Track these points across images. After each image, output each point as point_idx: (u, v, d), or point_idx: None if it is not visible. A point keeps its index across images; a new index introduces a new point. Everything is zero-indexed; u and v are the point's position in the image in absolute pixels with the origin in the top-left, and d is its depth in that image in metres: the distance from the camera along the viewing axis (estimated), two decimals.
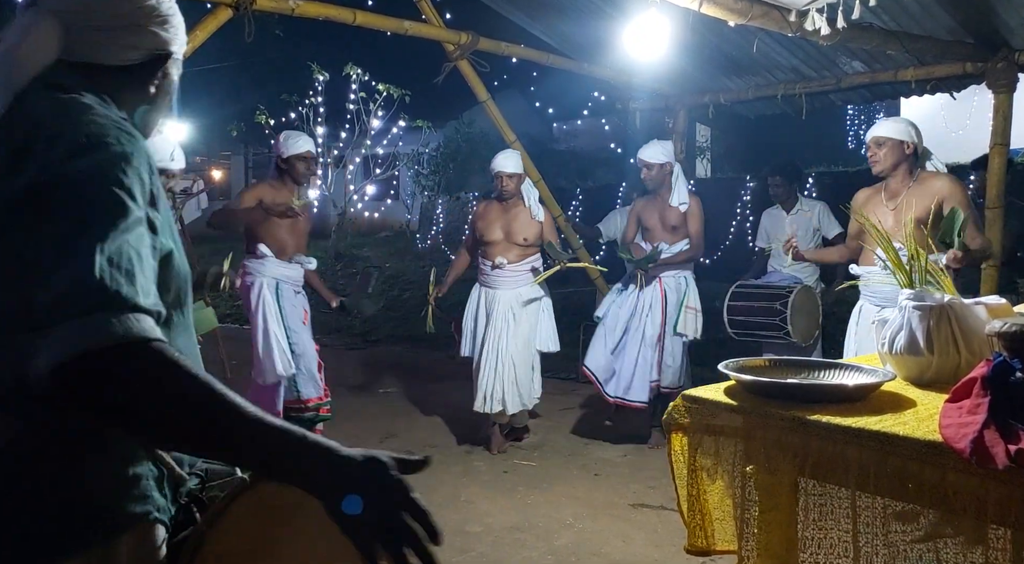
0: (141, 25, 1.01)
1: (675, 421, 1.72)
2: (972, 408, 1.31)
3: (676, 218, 4.46)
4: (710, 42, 4.74)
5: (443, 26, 4.94)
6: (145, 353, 0.80)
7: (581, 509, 3.52)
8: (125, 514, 0.93)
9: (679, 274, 4.50)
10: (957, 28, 4.07)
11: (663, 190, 4.48)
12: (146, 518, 0.95)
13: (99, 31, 0.99)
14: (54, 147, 0.86)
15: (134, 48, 1.01)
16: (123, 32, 1.00)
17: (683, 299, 4.46)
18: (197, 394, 0.81)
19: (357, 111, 12.70)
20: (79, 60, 0.98)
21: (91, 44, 0.98)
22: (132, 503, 0.94)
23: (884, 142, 3.29)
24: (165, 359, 0.81)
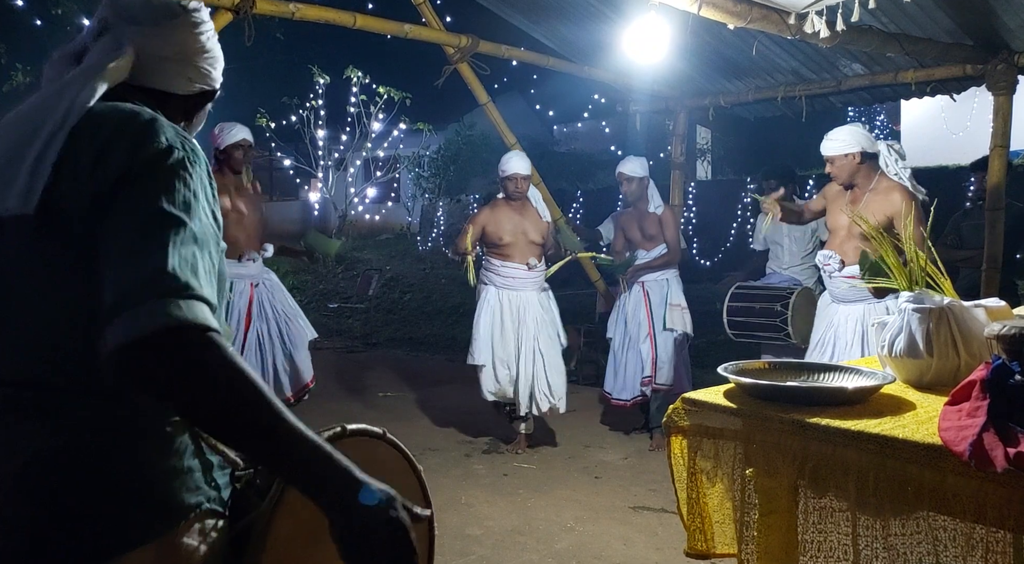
0: (197, 61, 1.13)
1: (675, 424, 1.71)
2: (971, 411, 1.31)
3: (653, 226, 4.64)
4: (709, 45, 4.74)
5: (443, 29, 4.95)
6: (204, 339, 0.87)
7: (581, 512, 3.52)
8: (182, 505, 0.96)
9: (661, 276, 4.63)
10: (957, 30, 4.07)
11: (640, 202, 4.66)
12: (199, 508, 0.97)
13: (167, 61, 1.10)
14: (136, 149, 0.95)
15: (189, 80, 1.13)
16: (184, 66, 1.12)
17: (666, 297, 4.57)
18: (246, 387, 0.87)
19: (358, 114, 12.72)
20: (140, 84, 1.09)
21: (158, 72, 1.10)
22: (187, 494, 0.97)
23: (832, 160, 3.43)
24: (223, 349, 0.87)
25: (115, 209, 0.91)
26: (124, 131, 0.97)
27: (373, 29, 4.48)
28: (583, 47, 5.40)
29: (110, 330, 0.84)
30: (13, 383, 0.98)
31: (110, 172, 0.93)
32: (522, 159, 4.45)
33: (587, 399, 5.65)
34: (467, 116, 14.17)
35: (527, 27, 5.42)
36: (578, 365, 6.28)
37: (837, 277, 3.41)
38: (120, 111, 1.00)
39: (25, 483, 0.92)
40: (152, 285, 0.86)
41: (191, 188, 0.95)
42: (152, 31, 1.08)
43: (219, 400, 0.86)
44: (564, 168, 14.16)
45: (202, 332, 0.86)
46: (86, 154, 0.94)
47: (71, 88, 1.01)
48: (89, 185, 0.93)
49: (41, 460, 0.93)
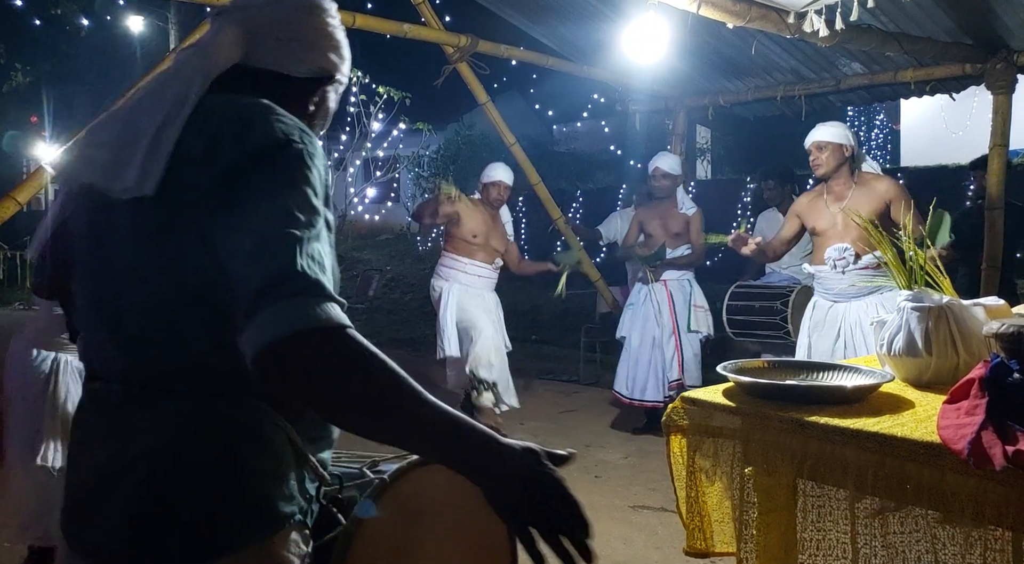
0: (314, 43, 1.08)
1: (674, 423, 1.71)
2: (970, 409, 1.31)
3: (680, 225, 4.65)
4: (709, 44, 4.74)
5: (442, 29, 4.95)
6: (344, 338, 0.85)
7: None
8: (277, 514, 0.94)
9: (683, 276, 4.67)
10: (956, 29, 4.08)
11: (668, 200, 4.68)
12: (291, 519, 0.95)
13: (278, 42, 1.06)
14: (247, 141, 0.91)
15: (303, 62, 1.07)
16: (297, 45, 1.07)
17: (690, 298, 4.60)
18: (388, 378, 0.86)
19: (357, 114, 12.72)
20: (253, 66, 1.05)
21: (270, 53, 1.05)
22: (282, 503, 0.95)
23: (825, 146, 3.40)
24: (361, 344, 0.86)
25: (238, 202, 0.88)
26: (238, 120, 0.94)
27: (372, 29, 4.48)
28: (582, 46, 5.40)
29: (249, 331, 0.83)
30: (123, 380, 0.97)
31: (223, 161, 0.90)
32: (508, 170, 4.59)
33: (588, 399, 5.66)
34: (467, 116, 14.17)
35: (526, 27, 5.43)
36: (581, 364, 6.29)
37: (852, 271, 3.32)
38: (235, 101, 0.97)
39: (130, 479, 0.91)
40: (287, 284, 0.84)
41: (310, 183, 0.92)
42: (263, 8, 1.06)
43: (364, 394, 0.85)
44: (564, 168, 14.14)
45: (341, 331, 0.85)
46: (198, 144, 0.92)
47: (186, 70, 0.99)
48: (204, 175, 0.90)
49: (146, 457, 0.92)
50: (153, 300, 0.93)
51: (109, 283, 0.96)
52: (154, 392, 0.93)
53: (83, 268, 1.01)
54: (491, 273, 4.50)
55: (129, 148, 0.93)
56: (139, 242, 0.93)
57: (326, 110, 1.14)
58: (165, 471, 0.91)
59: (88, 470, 0.97)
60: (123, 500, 0.91)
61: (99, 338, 0.99)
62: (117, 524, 0.91)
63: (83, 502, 0.97)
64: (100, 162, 0.95)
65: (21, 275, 11.98)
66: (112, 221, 0.96)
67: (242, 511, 0.92)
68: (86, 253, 1.00)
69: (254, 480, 0.93)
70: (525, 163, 5.81)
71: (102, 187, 0.94)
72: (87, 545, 0.95)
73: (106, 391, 0.98)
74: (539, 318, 9.27)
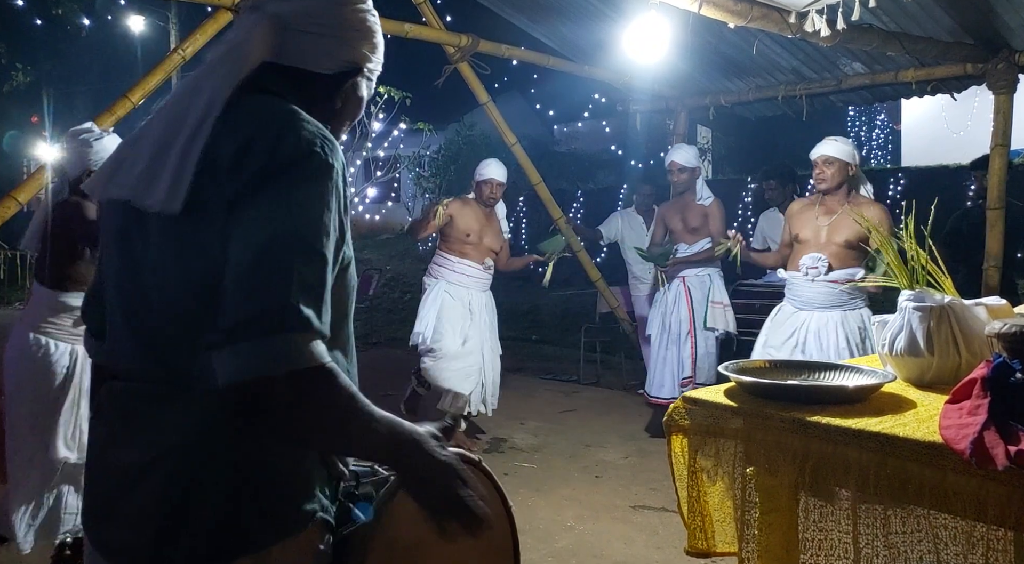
0: (345, 38, 1.05)
1: (675, 423, 1.71)
2: (972, 409, 1.31)
3: (698, 218, 4.59)
4: (710, 44, 4.74)
5: (443, 29, 4.95)
6: (319, 379, 0.86)
7: (582, 511, 3.52)
8: (301, 512, 0.95)
9: (702, 272, 4.60)
10: (957, 29, 4.07)
11: (687, 194, 4.64)
12: (314, 516, 0.96)
13: (309, 36, 1.03)
14: (275, 151, 0.90)
15: (332, 57, 1.05)
16: (328, 41, 1.04)
17: (708, 294, 4.55)
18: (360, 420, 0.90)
19: None
20: (282, 62, 1.02)
21: (299, 49, 1.03)
22: (304, 501, 0.96)
23: (833, 162, 3.45)
24: (336, 389, 0.88)
25: (250, 207, 0.88)
26: (264, 127, 0.92)
27: None
28: (583, 46, 5.40)
29: (225, 354, 0.83)
30: (148, 380, 0.97)
31: (248, 170, 0.89)
32: (500, 166, 4.47)
33: (588, 399, 5.66)
34: (467, 116, 14.16)
35: (527, 26, 5.43)
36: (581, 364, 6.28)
37: (820, 282, 3.44)
38: (261, 106, 0.96)
39: (154, 476, 0.92)
40: (271, 318, 0.84)
41: (325, 197, 0.91)
42: (294, 2, 1.03)
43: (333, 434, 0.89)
44: (564, 168, 14.14)
45: (315, 373, 0.86)
46: (227, 151, 0.91)
47: (213, 75, 0.98)
48: (230, 183, 0.90)
49: (172, 457, 0.92)
50: (179, 304, 0.93)
51: (137, 287, 0.97)
52: (179, 392, 0.94)
53: (112, 271, 1.02)
54: (482, 273, 4.43)
55: (159, 161, 0.93)
56: (167, 248, 0.94)
57: (357, 101, 1.12)
58: (190, 470, 0.91)
59: (112, 469, 0.97)
60: (148, 499, 0.92)
61: (125, 339, 0.99)
62: (143, 523, 0.91)
63: (107, 501, 0.97)
64: (133, 176, 0.96)
65: (21, 275, 11.98)
66: (144, 229, 0.96)
67: (266, 510, 0.92)
68: (115, 257, 1.01)
69: (278, 479, 0.94)
70: (526, 163, 5.81)
71: (135, 203, 0.95)
72: (112, 544, 0.95)
73: (131, 391, 0.98)
74: (539, 318, 9.27)
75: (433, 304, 4.37)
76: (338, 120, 1.10)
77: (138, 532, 0.91)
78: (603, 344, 6.37)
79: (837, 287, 3.38)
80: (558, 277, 4.68)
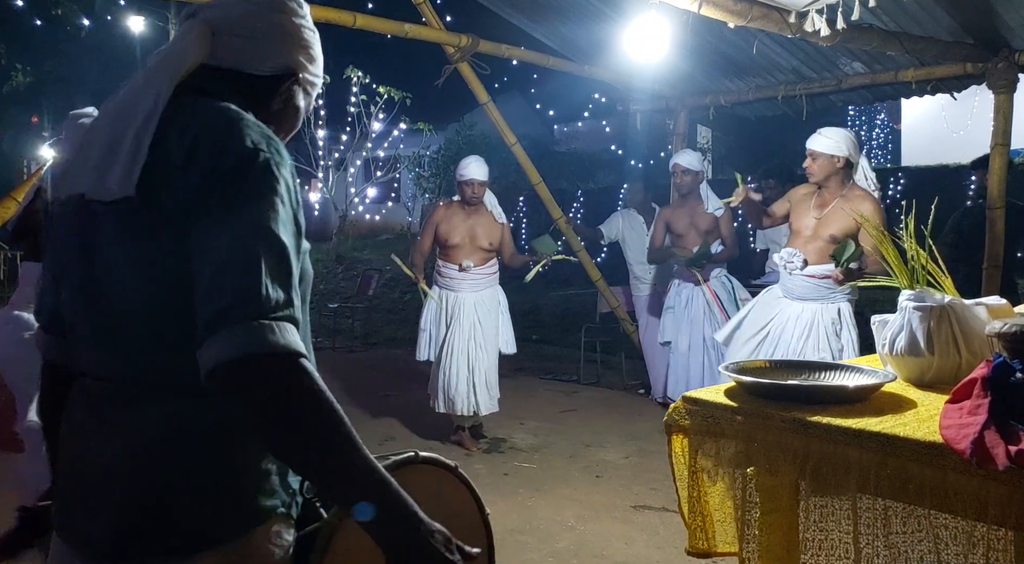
0: (278, 41, 1.10)
1: (675, 423, 1.71)
2: (972, 409, 1.31)
3: (708, 223, 4.68)
4: (710, 43, 4.74)
5: (443, 29, 4.95)
6: (292, 367, 0.88)
7: (582, 511, 3.52)
8: (260, 508, 0.97)
9: (719, 273, 4.70)
10: (957, 29, 4.07)
11: (692, 197, 4.69)
12: (275, 512, 0.98)
13: (241, 39, 1.07)
14: (223, 150, 0.94)
15: (266, 59, 1.09)
16: (261, 43, 1.08)
17: (733, 293, 4.64)
18: (328, 418, 0.89)
19: (358, 114, 12.72)
20: (219, 64, 1.06)
21: (233, 51, 1.07)
22: (265, 497, 0.98)
23: (817, 156, 3.48)
24: (310, 375, 0.89)
25: (205, 213, 0.91)
26: (211, 130, 0.96)
27: (373, 28, 4.48)
28: (583, 46, 5.40)
29: (206, 347, 0.86)
30: (108, 377, 0.99)
31: (199, 171, 0.92)
32: (480, 165, 4.45)
33: (588, 399, 5.65)
34: (467, 116, 14.17)
35: (527, 26, 5.42)
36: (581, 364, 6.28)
37: (797, 275, 3.51)
38: (205, 108, 0.99)
39: (115, 474, 0.95)
40: (246, 304, 0.87)
41: (278, 192, 0.94)
42: (228, 7, 1.08)
43: (301, 427, 0.88)
44: (564, 168, 14.15)
45: (293, 359, 0.88)
46: (175, 150, 0.94)
47: (157, 75, 1.01)
48: (181, 179, 0.93)
49: (135, 454, 0.95)
50: (138, 302, 0.96)
51: (96, 285, 0.99)
52: (142, 390, 0.97)
53: (70, 272, 1.03)
54: (475, 275, 4.41)
55: (111, 154, 0.96)
56: (123, 244, 0.96)
57: (294, 109, 1.14)
58: (153, 467, 0.94)
59: (79, 465, 1.00)
60: (112, 495, 0.95)
61: (89, 339, 1.01)
62: (108, 518, 0.95)
63: (74, 495, 1.00)
64: (88, 170, 0.98)
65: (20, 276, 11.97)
66: (97, 225, 0.98)
67: (227, 505, 0.95)
68: (73, 255, 1.02)
69: (238, 476, 0.96)
70: (526, 163, 5.81)
71: (91, 194, 0.97)
72: (79, 537, 0.98)
73: (96, 388, 1.01)
74: (539, 318, 9.27)
75: (427, 315, 4.48)
76: (276, 124, 1.13)
77: (102, 526, 0.95)
78: (603, 344, 6.37)
79: (812, 282, 3.46)
80: (558, 277, 4.70)
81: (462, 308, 4.40)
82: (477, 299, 4.44)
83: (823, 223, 3.48)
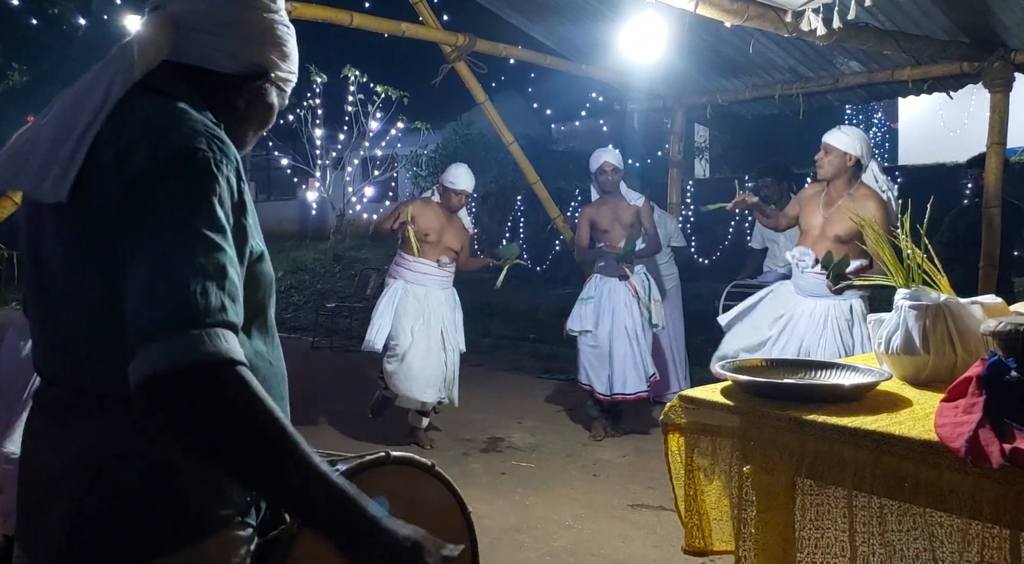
0: (247, 37, 1.04)
1: (672, 421, 1.71)
2: (967, 407, 1.32)
3: (631, 216, 4.71)
4: (707, 43, 4.74)
5: (440, 28, 4.94)
6: (228, 377, 0.84)
7: (580, 510, 3.52)
8: (212, 517, 0.96)
9: (640, 270, 4.73)
10: (953, 28, 4.08)
11: (615, 194, 4.76)
12: (231, 521, 0.97)
13: (206, 35, 1.01)
14: (156, 149, 0.89)
15: (233, 57, 1.03)
16: (227, 40, 1.02)
17: (649, 292, 4.67)
18: (269, 429, 0.85)
19: (355, 113, 12.70)
20: (183, 62, 1.01)
21: (197, 47, 1.01)
22: (217, 506, 0.96)
23: (831, 150, 3.51)
24: (246, 384, 0.85)
25: (135, 216, 0.87)
26: (147, 129, 0.91)
27: (370, 28, 4.47)
28: (580, 46, 5.40)
29: (134, 362, 0.83)
30: (56, 383, 0.98)
31: (131, 171, 0.88)
32: (471, 177, 4.58)
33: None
34: (465, 115, 14.15)
35: (525, 26, 5.42)
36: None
37: (809, 273, 3.55)
38: (148, 107, 0.95)
39: (68, 484, 0.94)
40: (175, 313, 0.83)
41: (216, 193, 0.89)
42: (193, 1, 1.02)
43: (234, 440, 0.84)
44: (562, 167, 14.13)
45: (227, 367, 0.84)
46: (112, 149, 0.90)
47: (108, 70, 0.96)
48: (114, 181, 0.89)
49: (83, 463, 0.93)
50: (81, 309, 0.94)
51: (46, 290, 0.98)
52: (91, 398, 0.94)
53: (27, 273, 1.02)
54: (438, 270, 4.52)
55: (53, 153, 0.93)
56: (64, 249, 0.94)
57: (265, 108, 1.09)
58: (99, 478, 0.92)
59: (33, 473, 0.99)
60: (61, 503, 0.93)
61: (43, 345, 1.01)
62: (56, 526, 0.93)
63: (29, 504, 0.99)
64: (31, 167, 0.94)
65: (18, 277, 11.96)
66: (43, 227, 0.97)
67: (175, 515, 0.93)
68: (28, 258, 1.02)
69: (187, 485, 0.94)
70: (523, 162, 5.81)
71: (30, 193, 0.95)
72: (32, 546, 0.98)
73: (51, 396, 0.99)
74: (537, 317, 9.27)
75: (389, 306, 4.48)
76: (243, 123, 1.08)
77: (53, 535, 0.93)
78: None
79: (822, 280, 3.47)
80: (557, 275, 4.69)
81: (429, 302, 4.50)
82: (445, 295, 4.58)
83: (829, 223, 3.51)
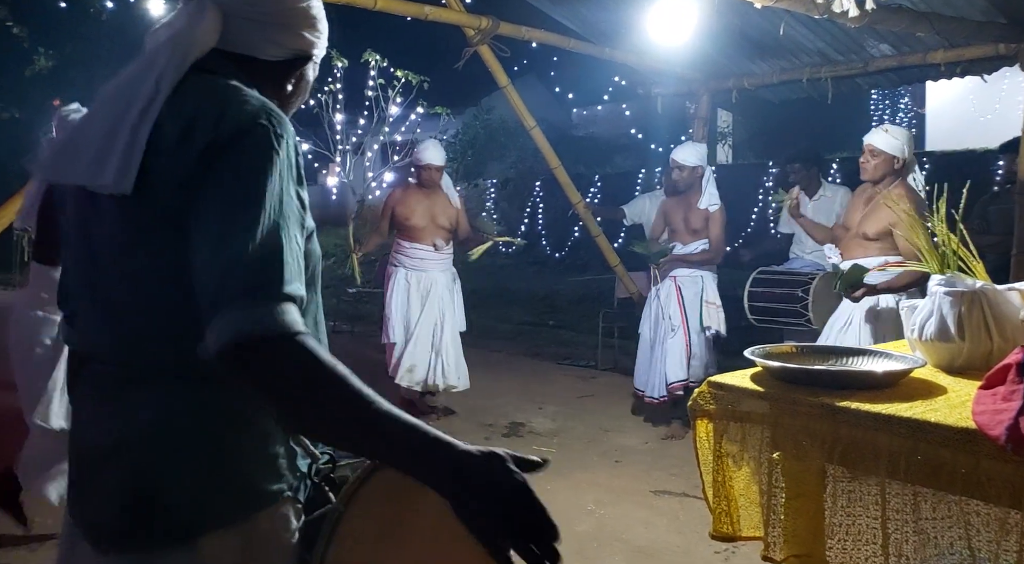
0: (291, 25, 1.06)
1: (700, 407, 1.70)
2: (1007, 395, 1.29)
3: (699, 221, 4.52)
4: (735, 25, 4.66)
5: (463, 11, 4.91)
6: (293, 348, 0.85)
7: (602, 495, 3.53)
8: (264, 491, 0.97)
9: (695, 272, 4.52)
10: (990, 8, 3.97)
11: (692, 192, 4.55)
12: (281, 496, 0.98)
13: (254, 24, 1.04)
14: (218, 124, 0.91)
15: (280, 46, 1.06)
16: (274, 29, 1.05)
17: (701, 294, 4.48)
18: (340, 390, 0.86)
19: (375, 98, 12.69)
20: (231, 50, 1.04)
21: (245, 36, 1.04)
22: (270, 481, 0.97)
23: (879, 154, 3.43)
24: (311, 352, 0.86)
25: (200, 190, 0.89)
26: (206, 105, 0.94)
27: (394, 11, 4.45)
28: (605, 28, 5.34)
29: (211, 327, 0.85)
30: (111, 361, 0.99)
31: (194, 149, 0.90)
32: (438, 150, 4.64)
33: (606, 384, 5.65)
34: (485, 99, 14.10)
35: (548, 8, 5.36)
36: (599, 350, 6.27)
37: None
38: (203, 85, 0.97)
39: (117, 458, 0.95)
40: (241, 283, 0.85)
41: (276, 166, 0.92)
42: None
43: (316, 405, 0.86)
44: (582, 152, 14.06)
45: (291, 339, 0.85)
46: (173, 130, 0.92)
47: (159, 59, 0.98)
48: (177, 162, 0.91)
49: (133, 437, 0.95)
50: (140, 289, 0.95)
51: (99, 272, 0.99)
52: (143, 373, 0.96)
53: (75, 256, 1.03)
54: (435, 254, 4.55)
55: (108, 144, 0.94)
56: (123, 235, 0.96)
57: (305, 86, 1.14)
58: (154, 451, 0.94)
59: (85, 450, 1.01)
60: (115, 479, 0.95)
61: (94, 324, 1.01)
62: (110, 502, 0.95)
63: (82, 479, 1.01)
64: (83, 160, 0.96)
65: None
66: (98, 213, 0.98)
67: (227, 489, 0.95)
68: (76, 242, 1.03)
69: (240, 459, 0.96)
70: (545, 147, 5.78)
71: (90, 186, 0.96)
72: (86, 521, 1.00)
73: (101, 373, 1.01)
74: (557, 303, 9.27)
75: (396, 301, 4.58)
76: (288, 103, 1.12)
77: (107, 511, 0.95)
78: (621, 329, 6.35)
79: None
80: (577, 261, 4.66)
81: (432, 286, 4.55)
82: (446, 278, 4.62)
83: (863, 220, 3.47)
